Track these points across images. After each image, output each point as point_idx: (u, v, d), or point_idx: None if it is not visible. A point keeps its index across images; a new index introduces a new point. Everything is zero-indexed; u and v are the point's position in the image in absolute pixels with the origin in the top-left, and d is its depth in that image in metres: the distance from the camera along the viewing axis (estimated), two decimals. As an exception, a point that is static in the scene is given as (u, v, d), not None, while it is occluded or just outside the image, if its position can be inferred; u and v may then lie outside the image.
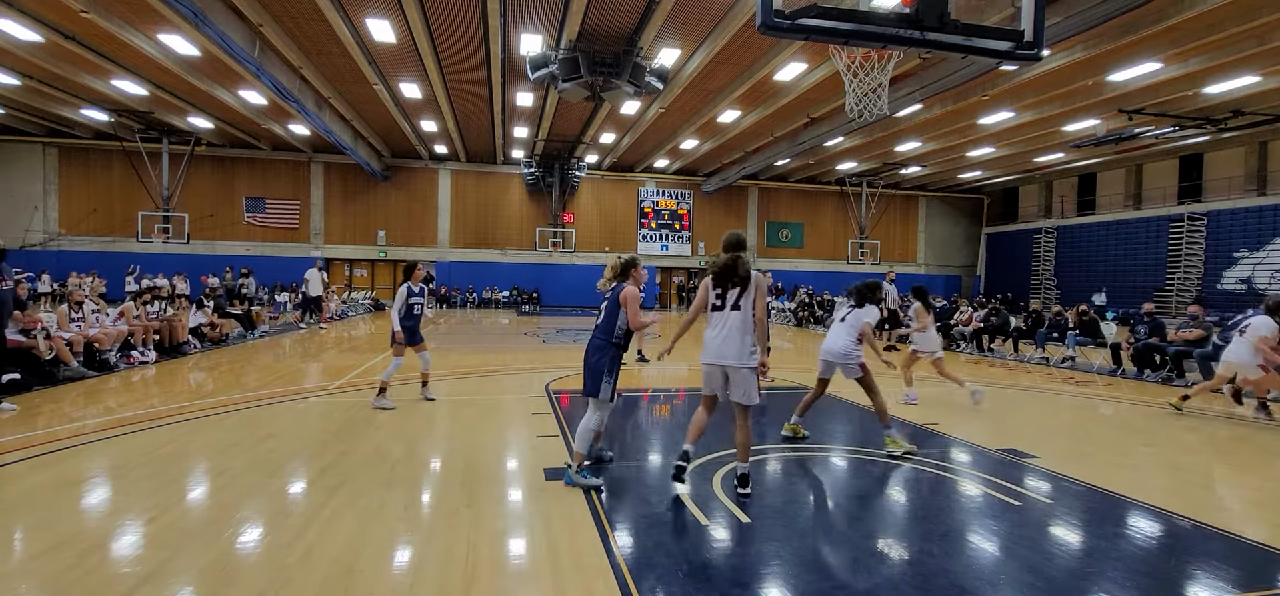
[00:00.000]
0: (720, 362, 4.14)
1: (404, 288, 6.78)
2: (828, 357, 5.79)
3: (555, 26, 13.13)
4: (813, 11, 5.06)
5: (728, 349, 4.10)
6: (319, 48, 14.62)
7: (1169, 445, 6.03)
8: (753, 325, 4.11)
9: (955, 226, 32.93)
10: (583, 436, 4.38)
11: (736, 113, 18.67)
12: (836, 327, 5.91)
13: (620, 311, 4.45)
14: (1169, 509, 4.16)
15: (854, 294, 6.06)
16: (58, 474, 4.44)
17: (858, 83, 7.78)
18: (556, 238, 27.68)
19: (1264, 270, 20.19)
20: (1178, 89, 15.48)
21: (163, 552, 3.21)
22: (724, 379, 4.18)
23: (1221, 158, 22.72)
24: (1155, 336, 10.42)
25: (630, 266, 4.68)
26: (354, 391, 7.67)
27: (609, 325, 4.47)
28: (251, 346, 12.27)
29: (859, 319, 5.80)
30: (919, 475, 4.87)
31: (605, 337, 4.45)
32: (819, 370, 5.91)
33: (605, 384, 4.37)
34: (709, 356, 4.22)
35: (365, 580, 2.97)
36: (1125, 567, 3.31)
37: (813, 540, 3.62)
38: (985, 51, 5.56)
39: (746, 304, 4.09)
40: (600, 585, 2.99)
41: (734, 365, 4.10)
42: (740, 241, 4.21)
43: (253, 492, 4.12)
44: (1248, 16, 11.60)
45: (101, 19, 12.05)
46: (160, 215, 22.71)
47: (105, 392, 7.36)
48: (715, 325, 4.21)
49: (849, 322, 5.81)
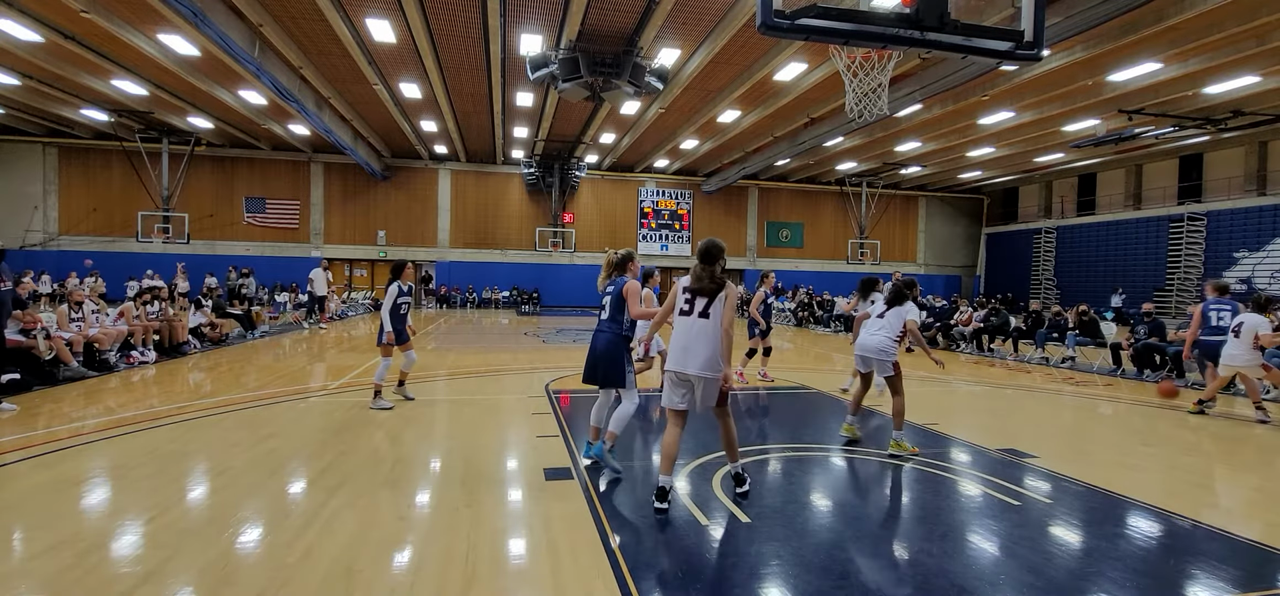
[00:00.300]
0: (683, 370, 3.94)
1: (394, 286, 6.70)
2: (864, 354, 5.73)
3: (555, 26, 13.13)
4: (813, 11, 5.06)
5: (691, 358, 3.91)
6: (319, 47, 14.63)
7: (1168, 445, 6.03)
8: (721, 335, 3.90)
9: (955, 226, 32.93)
10: (619, 420, 4.49)
11: (736, 113, 18.67)
12: (873, 324, 5.79)
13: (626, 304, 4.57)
14: (1168, 509, 4.16)
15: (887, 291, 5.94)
16: (57, 473, 4.44)
17: (858, 83, 7.78)
18: (556, 238, 27.68)
19: (1264, 270, 20.20)
20: (1178, 89, 15.48)
21: (162, 552, 3.21)
22: (690, 388, 3.98)
23: (1221, 158, 22.72)
24: (1155, 336, 10.43)
25: (627, 260, 4.80)
26: (354, 391, 7.68)
27: (618, 317, 4.58)
28: (251, 346, 12.28)
29: (901, 316, 5.67)
30: (919, 475, 4.88)
31: (616, 330, 4.56)
32: (857, 366, 5.91)
33: (628, 372, 4.52)
34: (673, 363, 4.01)
35: (365, 580, 2.97)
36: (1125, 568, 3.31)
37: (812, 540, 3.62)
38: (985, 52, 5.56)
39: (715, 312, 3.91)
40: (600, 585, 2.99)
41: (698, 374, 3.90)
42: (714, 251, 3.98)
43: (252, 492, 4.12)
44: (1248, 16, 11.60)
45: (101, 19, 12.06)
46: (160, 215, 22.73)
47: (105, 392, 7.36)
48: (680, 331, 4.01)
49: (889, 321, 5.69)
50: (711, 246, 3.99)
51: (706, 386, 3.93)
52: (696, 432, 6.19)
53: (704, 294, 3.95)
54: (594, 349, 4.60)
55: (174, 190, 23.18)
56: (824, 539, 3.65)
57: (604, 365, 4.52)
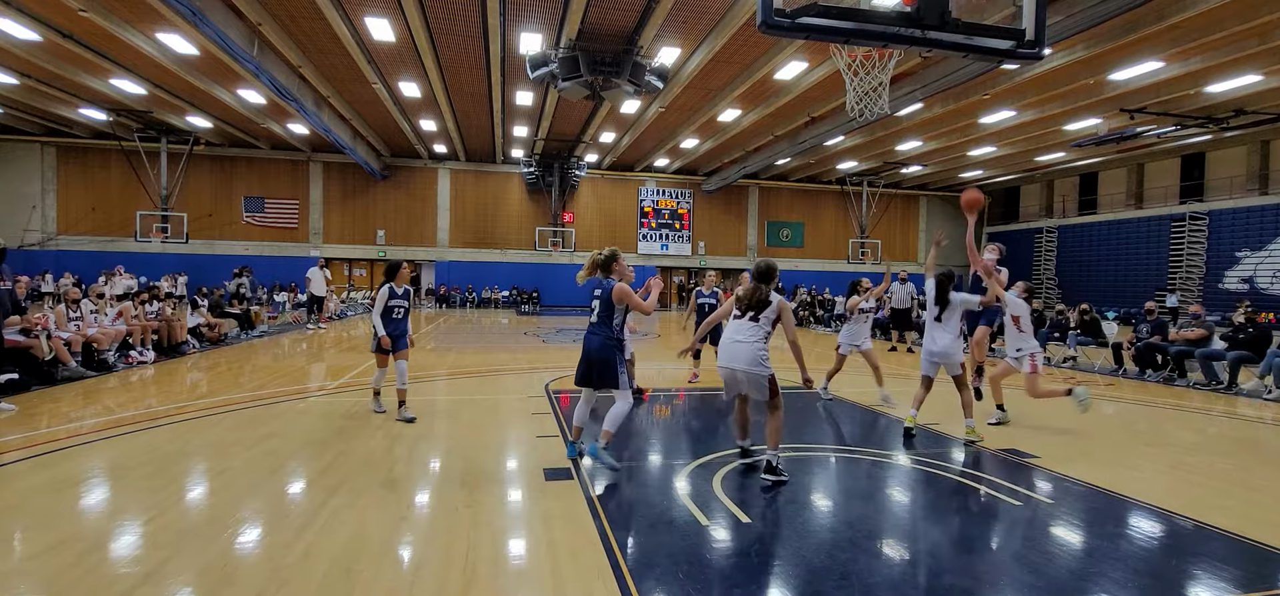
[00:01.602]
0: (728, 365, 4.54)
1: (385, 288, 6.20)
2: (933, 358, 5.71)
3: (555, 25, 13.11)
4: (813, 10, 5.05)
5: (736, 356, 4.49)
6: (318, 46, 14.61)
7: (1170, 445, 6.01)
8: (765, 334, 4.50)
9: (956, 225, 32.92)
10: (614, 419, 4.61)
11: (737, 112, 18.66)
12: (934, 328, 5.68)
13: (617, 308, 4.62)
14: (1170, 509, 4.15)
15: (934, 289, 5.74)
16: (56, 474, 4.43)
17: (858, 81, 7.76)
18: (556, 237, 27.67)
19: (1266, 270, 20.18)
20: (1179, 88, 15.47)
21: (162, 552, 3.20)
22: (735, 381, 4.58)
23: (1223, 157, 22.70)
24: (1157, 336, 10.41)
25: (612, 259, 4.85)
26: (353, 391, 7.66)
27: (607, 319, 4.64)
28: (250, 346, 12.26)
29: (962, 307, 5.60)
30: (920, 475, 4.86)
31: (607, 333, 4.62)
32: (923, 369, 5.90)
33: (621, 374, 4.62)
34: (721, 359, 4.63)
35: (364, 580, 2.96)
36: (1126, 568, 3.30)
37: (813, 540, 3.60)
38: (986, 50, 5.55)
39: (764, 316, 4.48)
40: (600, 585, 2.98)
41: (743, 370, 4.46)
42: (767, 271, 4.61)
43: (252, 492, 4.11)
44: (1249, 15, 11.58)
45: (100, 18, 12.04)
46: (159, 214, 22.71)
47: (104, 392, 7.34)
48: (727, 332, 4.63)
49: (953, 316, 5.56)
50: (763, 268, 4.64)
51: (752, 381, 4.49)
52: (697, 433, 6.18)
53: (752, 306, 4.51)
54: (587, 352, 4.65)
55: (173, 189, 23.16)
56: (824, 539, 3.63)
57: (598, 368, 4.59)
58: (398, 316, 6.25)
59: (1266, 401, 8.24)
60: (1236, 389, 8.85)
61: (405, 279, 6.35)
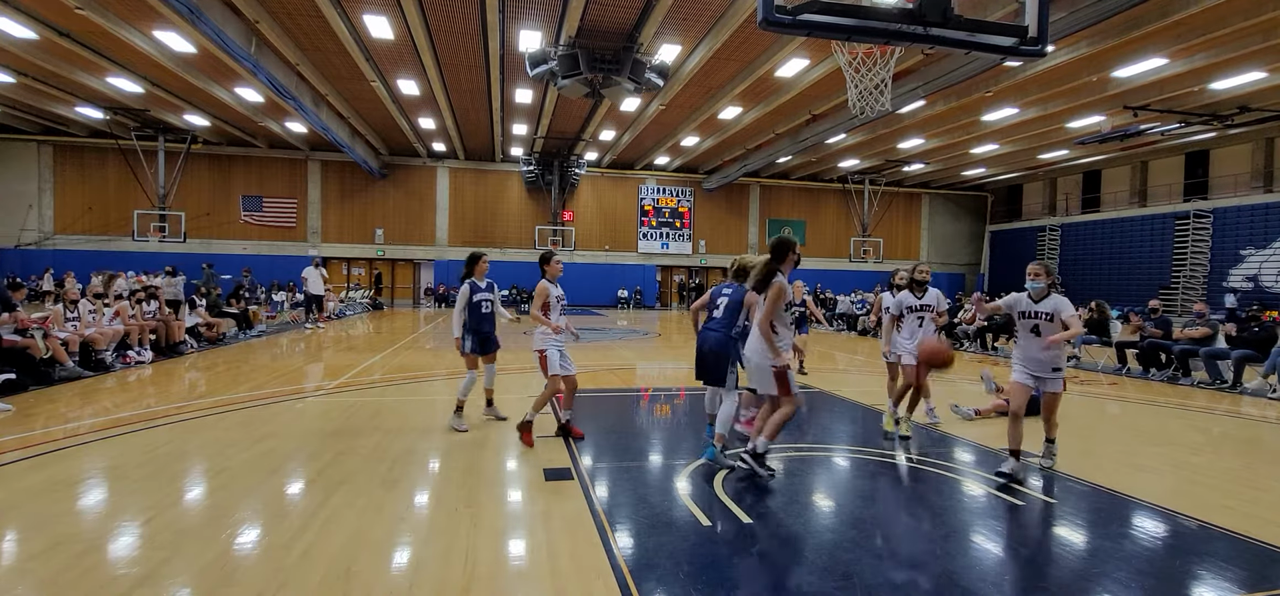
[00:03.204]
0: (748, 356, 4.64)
1: (467, 285, 5.57)
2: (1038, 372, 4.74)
3: (554, 23, 13.06)
4: (815, 7, 5.01)
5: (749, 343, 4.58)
6: (316, 44, 14.56)
7: (1175, 444, 5.98)
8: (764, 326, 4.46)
9: (959, 224, 32.85)
10: (723, 421, 4.72)
11: (737, 109, 18.61)
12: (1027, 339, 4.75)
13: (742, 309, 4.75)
14: (1175, 509, 4.12)
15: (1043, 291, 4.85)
16: (54, 474, 4.40)
17: (860, 79, 7.72)
18: (556, 236, 27.61)
19: (1271, 267, 20.12)
20: (1183, 85, 15.41)
21: (160, 552, 3.17)
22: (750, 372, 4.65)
23: (1228, 154, 22.61)
24: (1160, 332, 10.37)
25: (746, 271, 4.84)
26: (352, 391, 7.63)
27: (730, 321, 4.76)
28: (248, 346, 12.24)
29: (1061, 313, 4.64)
30: (922, 475, 4.84)
31: (727, 332, 4.74)
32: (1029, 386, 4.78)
33: (730, 374, 4.71)
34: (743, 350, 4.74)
35: (364, 580, 2.93)
36: (1130, 568, 3.27)
37: (814, 540, 3.58)
38: (989, 47, 5.52)
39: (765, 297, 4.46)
40: (600, 585, 2.95)
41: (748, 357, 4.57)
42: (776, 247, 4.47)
43: (251, 492, 4.08)
44: (1253, 11, 11.52)
45: (97, 16, 11.99)
46: (156, 213, 22.65)
47: (101, 392, 7.31)
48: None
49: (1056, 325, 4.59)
50: (773, 243, 4.50)
51: (755, 371, 4.51)
52: (698, 433, 6.14)
53: (757, 289, 4.47)
54: (704, 346, 4.81)
55: (170, 188, 23.10)
56: (826, 539, 3.60)
57: (711, 361, 4.76)
58: (487, 311, 5.65)
59: (1271, 400, 8.21)
60: (1241, 388, 8.82)
61: (485, 270, 5.73)
